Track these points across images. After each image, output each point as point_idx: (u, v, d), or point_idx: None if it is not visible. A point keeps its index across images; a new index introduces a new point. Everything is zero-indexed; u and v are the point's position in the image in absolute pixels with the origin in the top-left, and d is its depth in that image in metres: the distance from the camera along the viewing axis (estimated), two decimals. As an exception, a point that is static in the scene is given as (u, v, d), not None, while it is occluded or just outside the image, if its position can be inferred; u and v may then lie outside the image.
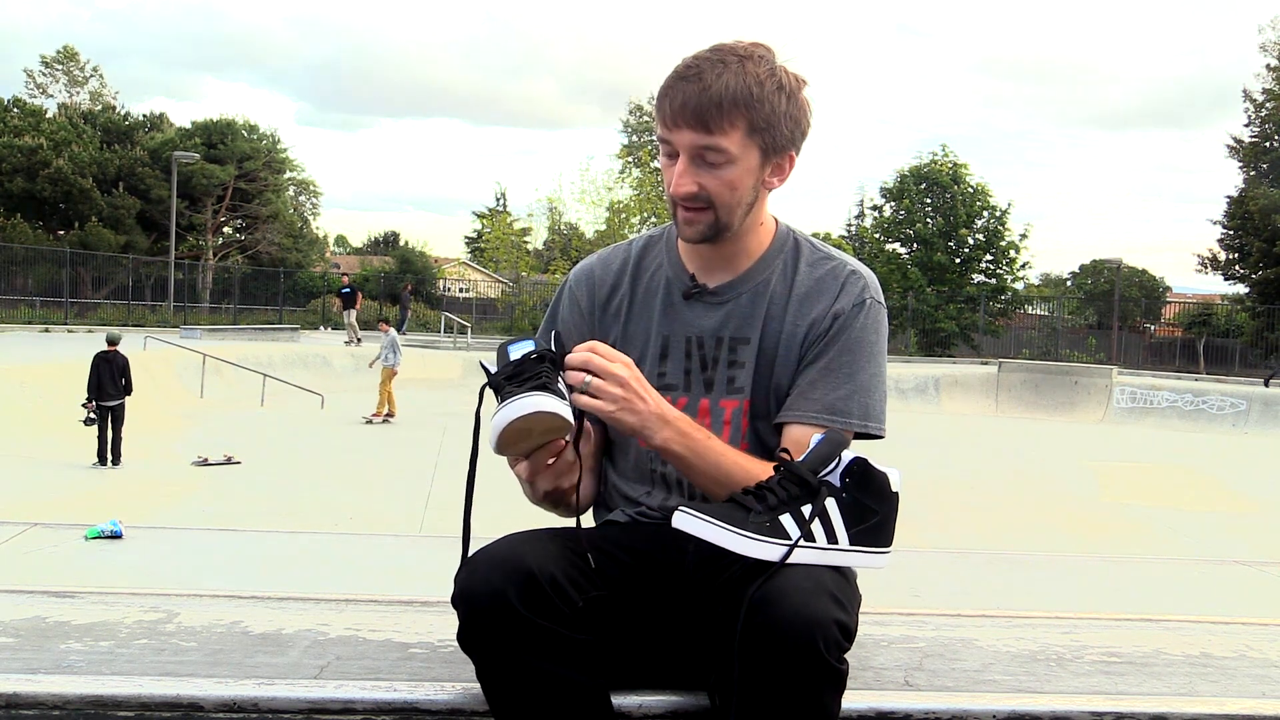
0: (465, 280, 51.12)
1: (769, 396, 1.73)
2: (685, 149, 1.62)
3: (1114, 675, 1.84)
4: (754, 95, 1.59)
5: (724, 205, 1.65)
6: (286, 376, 19.23)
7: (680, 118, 1.60)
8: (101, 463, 11.64)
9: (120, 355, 12.26)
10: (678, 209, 1.68)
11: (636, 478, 1.80)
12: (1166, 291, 49.32)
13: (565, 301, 1.86)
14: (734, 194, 1.65)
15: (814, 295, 1.73)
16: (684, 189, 1.63)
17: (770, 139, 1.64)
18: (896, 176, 38.22)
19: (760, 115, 1.61)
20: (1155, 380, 25.50)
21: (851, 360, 1.69)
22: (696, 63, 1.61)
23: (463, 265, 54.44)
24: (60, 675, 1.62)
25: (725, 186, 1.64)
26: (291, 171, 46.46)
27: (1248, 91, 36.86)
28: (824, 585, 1.40)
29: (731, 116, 1.59)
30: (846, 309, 1.71)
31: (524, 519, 1.75)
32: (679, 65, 1.63)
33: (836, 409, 1.67)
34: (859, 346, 1.70)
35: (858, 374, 1.69)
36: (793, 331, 1.72)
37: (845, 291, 1.72)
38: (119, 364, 12.12)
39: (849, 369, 1.69)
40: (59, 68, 42.58)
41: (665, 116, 1.62)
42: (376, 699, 1.60)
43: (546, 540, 1.57)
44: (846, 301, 1.71)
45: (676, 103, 1.60)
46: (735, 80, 1.59)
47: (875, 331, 1.72)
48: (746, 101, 1.59)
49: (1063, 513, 11.37)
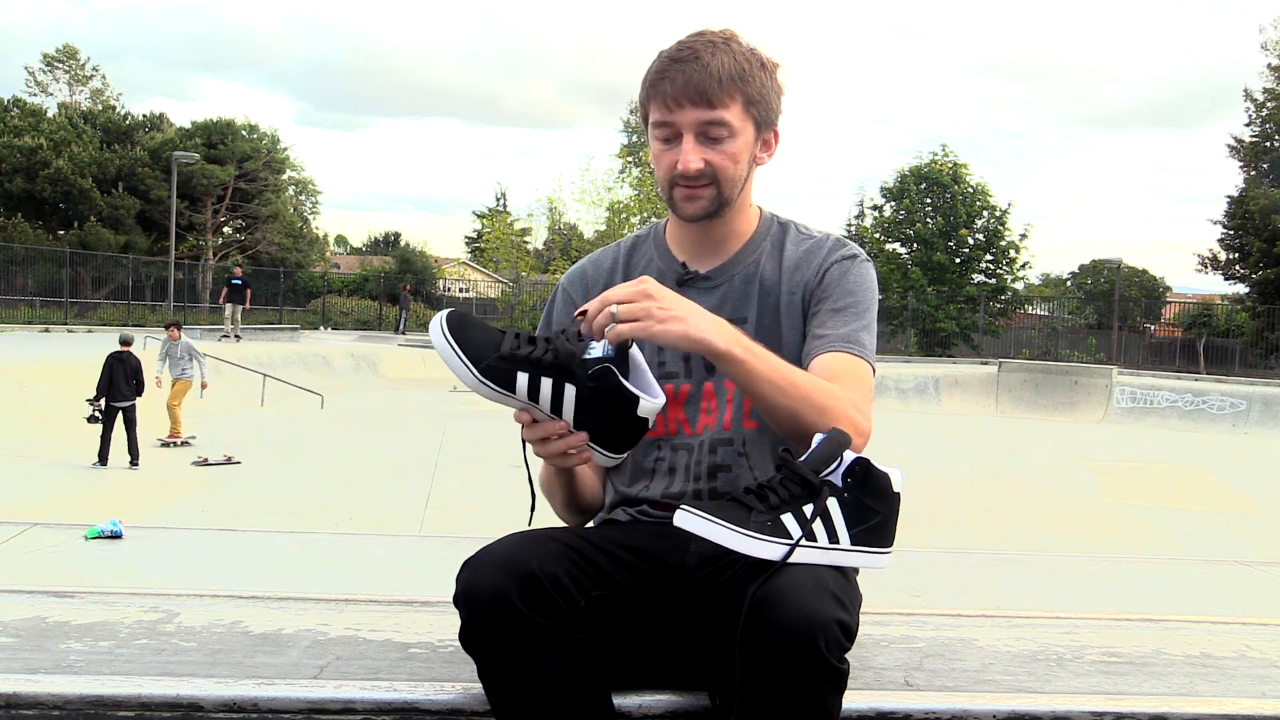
0: (465, 280, 51.12)
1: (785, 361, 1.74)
2: (690, 126, 1.68)
3: (1114, 675, 1.84)
4: (746, 71, 1.69)
5: (727, 179, 1.71)
6: (286, 376, 19.22)
7: (684, 96, 1.66)
8: (102, 463, 11.63)
9: (133, 356, 12.33)
10: (675, 189, 1.72)
11: (635, 476, 1.81)
12: (1166, 291, 49.32)
13: (560, 302, 1.91)
14: (736, 167, 1.72)
15: (804, 264, 1.80)
16: (693, 165, 1.68)
17: (762, 112, 1.73)
18: (897, 176, 38.20)
19: (754, 89, 1.70)
20: (1155, 380, 25.49)
21: (856, 302, 1.75)
22: (687, 45, 1.69)
23: (463, 265, 54.43)
24: (60, 675, 1.62)
25: (729, 160, 1.70)
26: (291, 171, 46.47)
27: (1249, 91, 36.88)
28: (825, 585, 1.40)
29: (730, 91, 1.67)
30: (837, 259, 1.78)
31: (524, 520, 1.74)
32: (668, 50, 1.70)
33: (852, 339, 1.71)
34: (858, 289, 1.76)
35: (864, 314, 1.75)
36: (790, 300, 1.78)
37: (832, 251, 1.80)
38: (132, 364, 12.17)
39: (855, 309, 1.74)
40: (60, 66, 42.57)
41: (666, 98, 1.67)
42: (376, 699, 1.60)
43: (548, 540, 1.57)
44: (834, 256, 1.78)
45: (678, 83, 1.66)
46: (728, 59, 1.68)
47: (870, 282, 1.79)
48: (742, 76, 1.68)
49: (1063, 513, 11.37)
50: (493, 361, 1.45)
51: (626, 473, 1.82)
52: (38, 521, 6.93)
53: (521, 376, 1.46)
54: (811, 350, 1.73)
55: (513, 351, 1.46)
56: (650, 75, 1.71)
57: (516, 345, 1.47)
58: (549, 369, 1.46)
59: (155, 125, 42.62)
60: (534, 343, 1.48)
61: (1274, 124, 36.16)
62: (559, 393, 1.47)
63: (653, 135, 1.74)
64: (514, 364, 1.46)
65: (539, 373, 1.46)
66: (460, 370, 1.45)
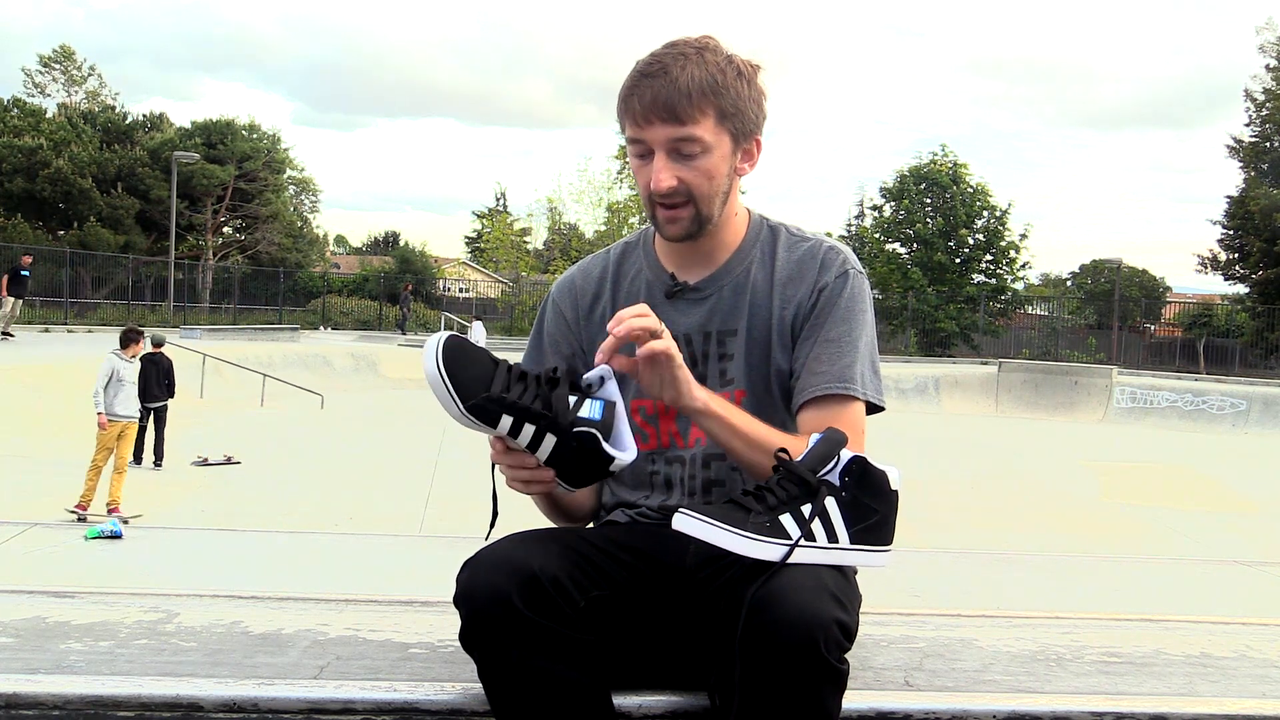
0: (465, 280, 51.10)
1: (769, 382, 1.74)
2: (660, 144, 1.64)
3: (1114, 675, 1.84)
4: (719, 83, 1.64)
5: (703, 197, 1.68)
6: (286, 376, 19.21)
7: (652, 113, 1.62)
8: (136, 462, 11.67)
9: (165, 357, 12.38)
10: (656, 209, 1.70)
11: (634, 485, 1.81)
12: (1166, 291, 49.31)
13: (550, 314, 1.88)
14: (712, 183, 1.68)
15: (796, 277, 1.76)
16: (665, 184, 1.64)
17: (739, 124, 1.68)
18: (896, 177, 38.22)
19: (728, 101, 1.65)
20: (1155, 380, 25.50)
21: (848, 330, 1.72)
22: (657, 59, 1.65)
23: (462, 265, 54.42)
24: (60, 675, 1.62)
25: (703, 177, 1.66)
26: (291, 171, 46.43)
27: (1249, 91, 36.86)
28: (825, 585, 1.40)
29: (701, 105, 1.62)
30: (830, 281, 1.74)
31: (526, 520, 1.75)
32: (639, 64, 1.66)
33: (846, 376, 1.70)
34: (851, 316, 1.73)
35: (857, 342, 1.72)
36: (781, 315, 1.75)
37: (825, 267, 1.75)
38: (164, 365, 12.23)
39: (848, 338, 1.72)
40: (56, 67, 42.54)
41: (635, 115, 1.64)
42: (376, 699, 1.60)
43: (548, 540, 1.57)
44: (829, 275, 1.75)
45: (645, 99, 1.62)
46: (699, 70, 1.62)
47: (862, 300, 1.76)
48: (714, 89, 1.63)
49: (1063, 513, 11.37)
50: (480, 401, 1.46)
51: (626, 481, 1.82)
52: (38, 521, 6.94)
53: (506, 419, 1.47)
54: (805, 387, 1.71)
55: (501, 394, 1.47)
56: (622, 90, 1.67)
57: (506, 385, 1.48)
58: (534, 417, 1.48)
59: (155, 125, 42.60)
60: (524, 380, 1.49)
61: (1274, 124, 36.14)
62: (539, 439, 1.49)
63: (629, 151, 1.71)
64: (500, 407, 1.47)
65: (523, 419, 1.47)
66: (446, 403, 1.46)
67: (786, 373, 1.74)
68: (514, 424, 1.47)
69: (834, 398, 1.69)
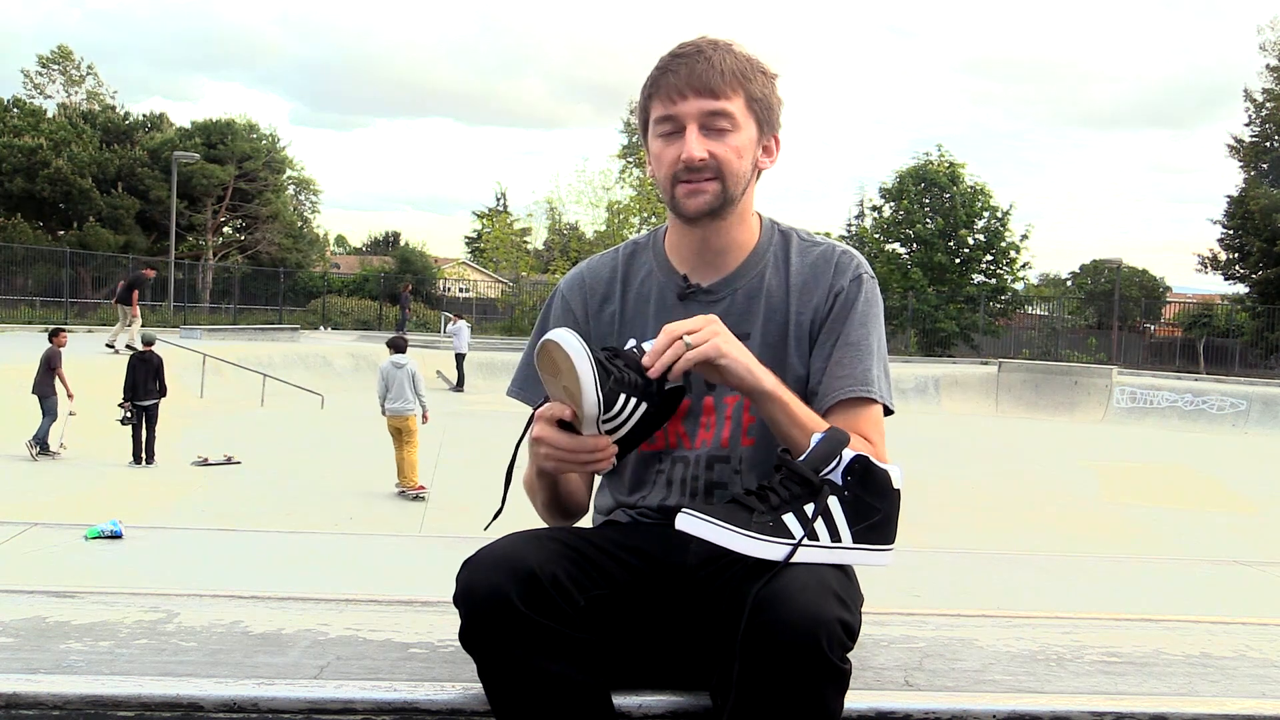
0: (465, 280, 51.08)
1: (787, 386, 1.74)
2: (694, 117, 1.68)
3: (1114, 675, 1.84)
4: (748, 71, 1.71)
5: (731, 174, 1.70)
6: (286, 376, 19.21)
7: (689, 87, 1.67)
8: (136, 462, 11.69)
9: (155, 356, 12.39)
10: (677, 185, 1.70)
11: (636, 485, 1.81)
12: (1166, 291, 49.26)
13: (558, 307, 1.88)
14: (740, 162, 1.71)
15: (812, 283, 1.78)
16: (697, 154, 1.67)
17: (764, 113, 1.74)
18: (895, 177, 38.21)
19: (756, 88, 1.72)
20: (1155, 380, 25.50)
21: (865, 334, 1.76)
22: (690, 44, 1.72)
23: (462, 265, 54.40)
24: (60, 675, 1.62)
25: (733, 153, 1.70)
26: (291, 171, 46.41)
27: (1248, 91, 36.89)
28: (828, 584, 1.40)
29: (734, 86, 1.69)
30: (846, 285, 1.78)
31: (525, 520, 1.75)
32: (673, 50, 1.72)
33: (867, 379, 1.73)
34: (867, 320, 1.77)
35: (876, 346, 1.76)
36: (799, 320, 1.76)
37: (840, 271, 1.78)
38: (154, 365, 12.22)
39: (867, 342, 1.75)
40: (55, 67, 42.51)
41: (670, 90, 1.68)
42: (376, 699, 1.60)
43: (548, 539, 1.57)
44: (845, 279, 1.78)
45: (682, 76, 1.68)
46: (732, 58, 1.70)
47: (876, 304, 1.80)
48: (745, 75, 1.70)
49: (1063, 513, 11.37)
50: (612, 386, 1.50)
51: (626, 482, 1.82)
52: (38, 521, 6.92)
53: (621, 398, 1.51)
54: (830, 388, 1.72)
55: (619, 377, 1.51)
56: (653, 74, 1.71)
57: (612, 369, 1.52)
58: (634, 389, 1.52)
59: (155, 125, 42.58)
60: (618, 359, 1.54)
61: (1274, 124, 36.15)
62: (635, 409, 1.53)
63: (654, 134, 1.72)
64: (620, 387, 1.51)
65: (630, 394, 1.52)
66: (590, 391, 1.47)
67: (803, 376, 1.75)
68: (623, 403, 1.51)
69: (859, 400, 1.71)
